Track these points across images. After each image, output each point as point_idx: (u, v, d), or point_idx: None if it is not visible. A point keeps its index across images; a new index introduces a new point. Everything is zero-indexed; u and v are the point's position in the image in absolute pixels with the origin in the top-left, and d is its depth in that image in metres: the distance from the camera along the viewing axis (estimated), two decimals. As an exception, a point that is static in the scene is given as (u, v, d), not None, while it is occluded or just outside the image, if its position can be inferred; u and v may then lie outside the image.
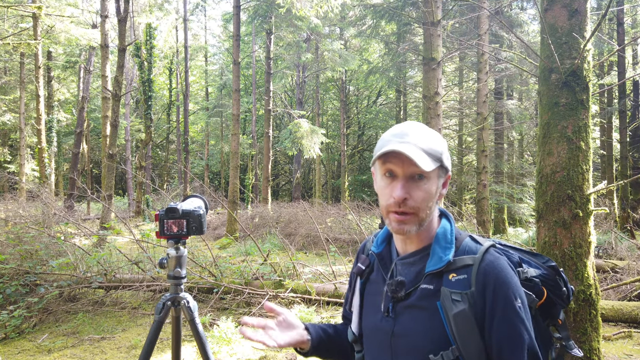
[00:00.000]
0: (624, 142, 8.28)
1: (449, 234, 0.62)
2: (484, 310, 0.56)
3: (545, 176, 2.22)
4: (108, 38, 7.59)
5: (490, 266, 0.57)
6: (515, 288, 0.57)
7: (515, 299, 0.56)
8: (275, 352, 2.36)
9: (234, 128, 7.37)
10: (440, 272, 0.59)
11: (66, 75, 13.81)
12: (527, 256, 0.64)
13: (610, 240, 4.64)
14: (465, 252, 0.60)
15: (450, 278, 0.58)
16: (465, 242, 0.62)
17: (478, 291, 0.56)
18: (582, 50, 2.14)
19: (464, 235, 0.64)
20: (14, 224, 4.19)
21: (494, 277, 0.56)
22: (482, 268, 0.57)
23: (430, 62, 4.39)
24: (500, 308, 0.55)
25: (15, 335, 2.59)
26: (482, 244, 0.60)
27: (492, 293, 0.55)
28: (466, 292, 0.56)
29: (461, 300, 0.56)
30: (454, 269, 0.59)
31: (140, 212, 10.82)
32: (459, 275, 0.58)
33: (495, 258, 0.59)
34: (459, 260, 0.59)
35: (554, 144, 2.19)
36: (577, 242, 2.08)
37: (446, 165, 0.62)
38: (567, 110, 2.19)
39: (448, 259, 0.59)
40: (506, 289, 0.56)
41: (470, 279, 0.57)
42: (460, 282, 0.57)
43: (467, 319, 0.56)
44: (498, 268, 0.57)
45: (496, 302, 0.55)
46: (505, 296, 0.55)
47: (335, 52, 10.04)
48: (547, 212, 2.17)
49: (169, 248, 1.25)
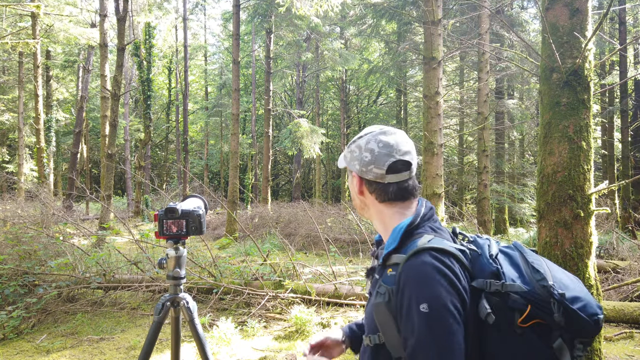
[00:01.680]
0: (625, 141, 8.27)
1: (397, 231, 0.66)
2: (396, 307, 0.59)
3: (547, 176, 2.21)
4: (107, 37, 7.56)
5: (408, 269, 0.59)
6: (424, 292, 0.56)
7: (421, 302, 0.56)
8: (275, 353, 2.36)
9: (234, 128, 7.36)
10: (383, 265, 0.65)
11: (65, 74, 13.78)
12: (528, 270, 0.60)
13: (611, 240, 4.63)
14: (404, 251, 0.63)
15: (388, 272, 0.63)
16: (412, 242, 0.64)
17: (396, 290, 0.60)
18: (583, 50, 2.13)
19: (422, 234, 0.65)
20: (13, 224, 4.17)
21: (405, 280, 0.59)
22: (402, 269, 0.60)
23: (430, 62, 4.38)
24: (404, 309, 0.58)
25: (13, 336, 2.58)
26: (419, 246, 0.60)
27: (401, 294, 0.59)
28: (390, 287, 0.60)
29: (383, 293, 0.61)
30: (391, 264, 0.63)
31: (139, 212, 10.80)
32: (393, 271, 0.62)
33: (419, 262, 0.59)
34: (395, 258, 0.63)
35: (555, 143, 2.18)
36: (579, 242, 2.07)
37: (349, 166, 0.73)
38: (569, 110, 2.18)
39: (385, 254, 0.65)
40: (412, 291, 0.57)
41: (396, 277, 0.61)
42: (390, 278, 0.61)
43: (382, 311, 0.60)
44: (413, 272, 0.59)
45: (402, 302, 0.58)
46: (410, 298, 0.57)
47: (336, 52, 10.03)
48: (548, 212, 2.17)
49: (168, 248, 1.25)
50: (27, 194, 8.62)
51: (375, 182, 0.69)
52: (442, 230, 0.68)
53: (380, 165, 0.68)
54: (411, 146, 0.71)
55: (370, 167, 0.69)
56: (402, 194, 0.69)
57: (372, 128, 0.73)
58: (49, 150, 11.06)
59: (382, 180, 0.69)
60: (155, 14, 11.35)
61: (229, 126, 13.36)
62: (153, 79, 11.66)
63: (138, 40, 10.62)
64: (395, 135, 0.70)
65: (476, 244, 0.67)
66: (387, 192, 0.69)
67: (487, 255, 0.63)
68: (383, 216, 0.71)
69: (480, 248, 0.65)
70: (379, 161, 0.68)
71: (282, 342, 2.52)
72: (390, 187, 0.69)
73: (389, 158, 0.68)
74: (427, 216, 0.68)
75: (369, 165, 0.69)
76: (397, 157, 0.68)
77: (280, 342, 2.52)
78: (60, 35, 9.10)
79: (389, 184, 0.69)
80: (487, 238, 0.69)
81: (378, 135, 0.70)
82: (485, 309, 0.57)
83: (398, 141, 0.69)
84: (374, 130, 0.72)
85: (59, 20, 8.77)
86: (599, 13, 3.76)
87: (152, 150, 19.16)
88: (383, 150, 0.68)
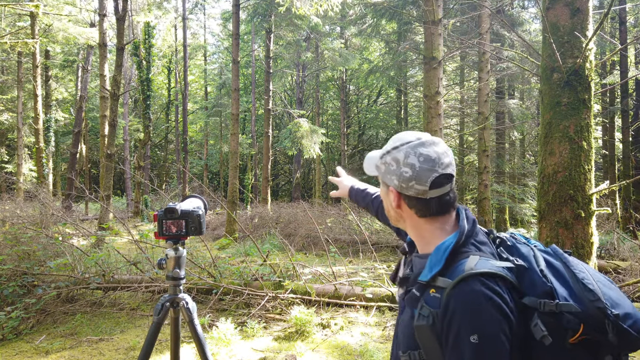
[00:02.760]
0: (626, 141, 8.27)
1: (443, 251, 0.64)
2: (442, 333, 0.59)
3: (547, 176, 2.20)
4: (106, 37, 7.54)
5: (456, 297, 0.58)
6: (474, 322, 0.56)
7: (471, 333, 0.56)
8: (275, 354, 2.35)
9: (233, 128, 7.35)
10: (425, 285, 0.63)
11: (64, 74, 13.75)
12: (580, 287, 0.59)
13: (612, 240, 4.62)
14: (449, 274, 0.62)
15: (430, 293, 0.62)
16: (459, 263, 0.62)
17: (441, 314, 0.59)
18: (584, 50, 2.12)
19: (469, 253, 0.63)
20: (12, 224, 4.16)
21: (453, 308, 0.58)
22: (449, 295, 0.59)
23: (431, 61, 4.37)
24: (451, 338, 0.57)
25: (12, 337, 2.57)
26: (466, 271, 0.59)
27: (448, 322, 0.58)
28: (434, 310, 0.60)
29: (427, 316, 0.60)
30: (435, 286, 0.62)
31: (138, 213, 10.78)
32: (437, 292, 0.61)
33: (468, 290, 0.58)
34: (439, 280, 0.61)
35: (556, 143, 2.18)
36: (579, 242, 2.07)
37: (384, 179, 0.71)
38: (569, 110, 2.17)
39: (430, 276, 0.63)
40: (462, 321, 0.57)
41: (441, 300, 0.60)
42: (434, 300, 0.60)
43: (426, 333, 0.60)
44: (462, 301, 0.58)
45: (449, 331, 0.58)
46: (459, 328, 0.57)
47: (336, 51, 10.01)
48: (548, 212, 2.16)
49: (168, 249, 1.24)
50: (26, 194, 8.60)
51: (417, 198, 0.66)
52: (486, 245, 0.66)
53: (422, 182, 0.64)
54: (451, 156, 0.68)
55: (411, 183, 0.65)
56: (443, 207, 0.67)
57: (408, 136, 0.68)
58: (48, 150, 11.04)
59: (423, 196, 0.65)
60: (154, 13, 11.34)
61: (229, 126, 13.35)
62: (152, 79, 11.64)
63: (137, 40, 10.59)
64: (436, 147, 0.66)
65: (519, 254, 0.65)
66: (429, 208, 0.66)
67: (537, 271, 0.61)
68: (422, 231, 0.69)
69: (527, 260, 0.63)
70: (422, 177, 0.64)
71: (282, 343, 2.52)
72: (432, 202, 0.66)
73: (432, 173, 0.64)
74: (470, 232, 0.66)
75: (410, 181, 0.65)
76: (440, 171, 0.64)
77: (280, 343, 2.52)
78: (59, 35, 9.07)
79: (431, 199, 0.65)
80: (525, 243, 0.67)
81: (417, 148, 0.66)
82: (542, 331, 0.57)
83: (439, 153, 0.65)
84: (411, 141, 0.67)
85: (58, 19, 8.74)
86: (600, 13, 3.74)
87: (152, 150, 19.13)
88: (425, 165, 0.64)
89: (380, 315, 2.96)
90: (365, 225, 6.64)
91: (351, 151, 16.86)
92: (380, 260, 4.71)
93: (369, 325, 2.77)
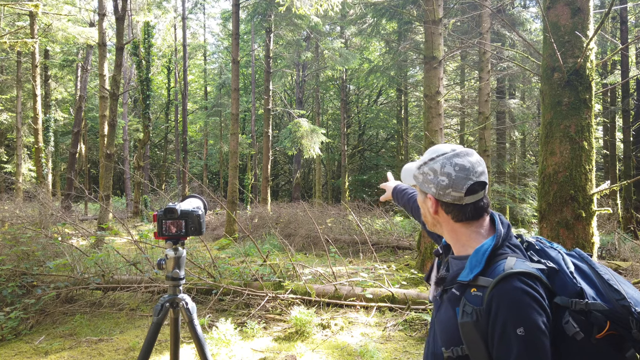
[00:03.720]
0: (627, 141, 8.27)
1: (482, 253, 0.70)
2: (487, 329, 0.63)
3: (548, 176, 2.20)
4: (106, 36, 7.52)
5: (500, 294, 0.63)
6: (519, 317, 0.61)
7: (517, 326, 0.60)
8: (275, 354, 2.34)
9: (233, 127, 7.33)
10: (466, 284, 0.69)
11: (63, 74, 13.72)
12: (606, 288, 0.65)
13: (613, 241, 4.61)
14: (489, 274, 0.67)
15: (472, 292, 0.67)
16: (497, 264, 0.67)
17: (485, 311, 0.64)
18: (585, 49, 2.12)
19: (505, 255, 0.69)
20: (11, 224, 4.15)
21: (497, 304, 0.63)
22: (492, 293, 0.64)
23: (431, 61, 4.36)
24: (498, 332, 0.62)
25: (11, 337, 2.56)
26: (506, 270, 0.64)
27: (494, 317, 0.63)
28: (477, 308, 0.64)
29: (470, 313, 0.65)
30: (476, 285, 0.67)
31: (138, 213, 10.77)
32: (478, 291, 0.66)
33: (510, 288, 0.63)
34: (480, 280, 0.67)
35: (557, 143, 2.17)
36: (580, 242, 2.06)
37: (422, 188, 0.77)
38: (570, 110, 2.17)
39: (472, 276, 0.68)
40: (507, 316, 0.61)
41: (483, 298, 0.65)
42: (477, 298, 0.66)
43: (470, 330, 0.64)
44: (505, 297, 0.62)
45: (495, 326, 0.62)
46: (505, 323, 0.61)
47: (336, 51, 9.99)
48: (549, 212, 2.15)
49: (168, 249, 1.24)
50: (26, 194, 8.58)
51: (453, 204, 0.73)
52: (519, 248, 0.72)
53: (458, 189, 0.71)
54: (484, 165, 0.75)
55: (448, 190, 0.72)
56: (477, 212, 0.73)
57: (443, 148, 0.75)
58: (48, 150, 11.02)
59: (459, 202, 0.72)
60: (154, 13, 11.31)
61: (229, 126, 13.35)
62: (152, 79, 11.61)
63: (137, 40, 10.57)
64: (470, 157, 0.73)
65: (549, 257, 0.70)
66: (465, 213, 0.73)
67: (568, 273, 0.67)
68: (459, 235, 0.75)
69: (557, 263, 0.69)
70: (457, 185, 0.71)
71: (281, 343, 2.51)
72: (468, 208, 0.72)
73: (467, 181, 0.71)
74: (505, 235, 0.72)
75: (447, 189, 0.72)
76: (474, 179, 0.71)
77: (280, 343, 2.51)
78: (59, 35, 9.05)
79: (467, 204, 0.72)
80: (552, 247, 0.73)
81: (453, 158, 0.73)
82: (574, 328, 0.62)
83: (473, 163, 0.72)
84: (446, 152, 0.74)
85: (58, 19, 8.72)
86: (601, 12, 3.73)
87: (151, 150, 19.11)
88: (460, 174, 0.71)
89: (380, 315, 2.95)
90: (365, 225, 6.63)
91: (351, 151, 16.84)
92: (380, 261, 4.70)
93: (369, 326, 2.77)
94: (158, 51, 17.85)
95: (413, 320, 2.76)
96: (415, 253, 5.16)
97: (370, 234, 6.31)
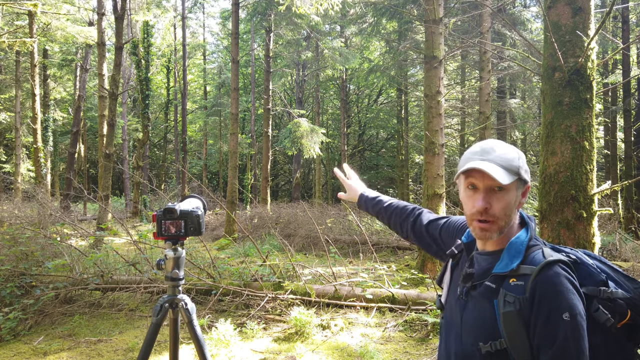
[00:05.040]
0: (628, 141, 8.26)
1: (520, 244, 0.71)
2: (530, 316, 0.64)
3: (549, 176, 2.19)
4: (105, 36, 7.50)
5: (543, 279, 0.64)
6: (564, 302, 0.62)
7: (563, 311, 0.62)
8: (275, 355, 2.34)
9: (233, 127, 7.32)
10: (504, 276, 0.69)
11: (62, 73, 13.67)
12: (622, 278, 0.68)
13: (614, 241, 4.61)
14: (529, 262, 0.68)
15: (510, 282, 0.67)
16: (534, 253, 0.69)
17: (529, 299, 0.64)
18: (586, 49, 2.11)
19: (539, 246, 0.70)
20: (10, 224, 4.13)
21: (542, 290, 0.63)
22: (536, 280, 0.65)
23: (431, 61, 4.35)
24: (542, 317, 0.62)
25: (10, 338, 2.55)
26: (547, 258, 0.66)
27: (538, 303, 0.63)
28: (519, 296, 0.65)
29: (513, 302, 0.65)
30: (516, 275, 0.67)
31: (137, 213, 10.75)
32: (518, 281, 0.66)
33: (553, 274, 0.64)
34: (522, 269, 0.67)
35: (558, 143, 2.16)
36: (581, 243, 2.05)
37: (524, 178, 0.73)
38: (571, 110, 2.16)
39: (512, 267, 0.68)
40: (552, 301, 0.62)
41: (526, 286, 0.65)
42: (517, 287, 0.66)
43: (514, 319, 0.64)
44: (550, 283, 0.64)
45: (540, 311, 0.63)
46: (550, 308, 0.62)
47: (336, 50, 9.97)
48: (550, 212, 2.15)
49: (167, 249, 1.23)
50: (24, 194, 8.56)
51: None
52: (543, 242, 0.74)
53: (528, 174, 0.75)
54: None
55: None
56: None
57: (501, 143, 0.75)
58: (46, 150, 10.99)
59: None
60: (153, 12, 11.27)
61: (228, 126, 13.31)
62: (151, 78, 11.59)
63: (136, 39, 10.54)
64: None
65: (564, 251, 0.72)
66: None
67: (590, 264, 0.69)
68: (513, 226, 0.74)
69: (575, 255, 0.71)
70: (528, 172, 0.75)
71: (281, 344, 2.50)
72: None
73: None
74: (534, 229, 0.75)
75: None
76: None
77: (279, 344, 2.50)
78: (58, 34, 9.02)
79: None
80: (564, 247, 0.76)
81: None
82: (605, 314, 0.64)
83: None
84: (508, 144, 0.76)
85: (56, 18, 8.69)
86: (602, 12, 3.73)
87: (151, 150, 19.07)
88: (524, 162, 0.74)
89: (380, 316, 2.94)
90: (365, 225, 6.63)
91: (351, 151, 16.83)
92: (380, 261, 4.69)
93: (369, 326, 2.76)
94: (157, 50, 17.81)
95: (413, 320, 2.75)
96: (416, 253, 5.16)
97: (370, 234, 6.31)
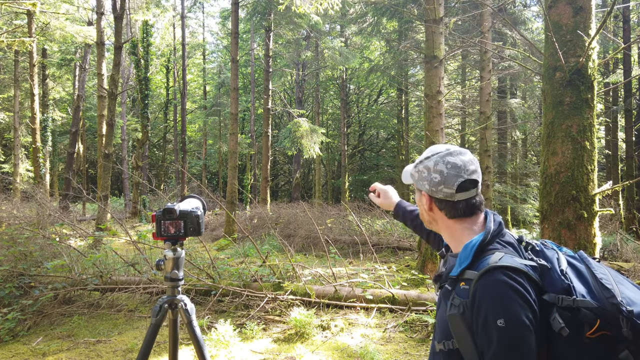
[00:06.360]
0: (629, 141, 8.25)
1: (470, 248, 0.72)
2: (472, 320, 0.65)
3: (550, 176, 2.18)
4: (104, 35, 7.48)
5: (482, 285, 0.65)
6: (500, 308, 0.62)
7: (497, 317, 0.62)
8: (275, 356, 2.33)
9: (233, 127, 7.31)
10: (456, 279, 0.71)
11: (61, 73, 13.64)
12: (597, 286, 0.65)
13: (615, 241, 4.59)
14: (476, 267, 0.69)
15: (461, 285, 0.69)
16: (485, 258, 0.69)
17: (470, 303, 0.66)
18: (587, 48, 2.10)
19: (494, 250, 0.70)
20: (8, 224, 4.12)
21: (480, 295, 0.65)
22: (477, 285, 0.66)
23: (432, 60, 4.34)
24: (480, 323, 0.64)
25: (9, 339, 2.54)
26: (491, 264, 0.66)
27: (477, 308, 0.64)
28: (464, 300, 0.67)
29: (458, 305, 0.67)
30: (464, 278, 0.69)
31: (136, 213, 10.73)
32: (466, 284, 0.68)
33: (492, 280, 0.64)
34: (467, 273, 0.69)
35: (559, 143, 2.16)
36: (582, 243, 2.05)
37: (417, 185, 0.79)
38: (572, 110, 2.15)
39: (459, 270, 0.70)
40: (489, 307, 0.63)
41: (469, 291, 0.67)
42: (464, 291, 0.68)
43: (457, 322, 0.66)
44: (489, 289, 0.64)
45: (478, 317, 0.64)
46: (486, 314, 0.63)
47: (336, 50, 9.97)
48: (551, 213, 2.14)
49: (166, 249, 1.23)
50: (23, 194, 8.54)
51: (445, 201, 0.75)
52: (511, 246, 0.73)
53: (450, 185, 0.74)
54: (477, 164, 0.77)
55: (440, 187, 0.75)
56: (470, 209, 0.75)
57: (438, 148, 0.78)
58: (45, 150, 10.97)
59: (451, 199, 0.74)
60: (153, 11, 11.25)
61: (228, 126, 13.30)
62: (151, 78, 11.56)
63: (135, 39, 10.52)
64: (462, 156, 0.75)
65: (544, 256, 0.71)
66: (457, 209, 0.75)
67: (558, 271, 0.67)
68: (453, 231, 0.77)
69: (550, 262, 0.69)
70: (449, 182, 0.74)
71: (281, 345, 2.49)
72: (460, 205, 0.75)
73: (457, 178, 0.73)
74: (496, 232, 0.73)
75: (439, 185, 0.75)
76: (465, 177, 0.74)
77: (279, 345, 2.49)
78: (57, 34, 9.00)
79: (458, 201, 0.74)
80: (553, 248, 0.73)
81: (445, 157, 0.75)
82: (559, 323, 0.62)
83: (465, 161, 0.75)
84: (440, 151, 0.77)
85: (55, 18, 8.67)
86: (603, 11, 3.73)
87: (150, 150, 19.05)
88: (452, 171, 0.74)
89: (380, 316, 2.94)
90: (365, 226, 6.62)
91: (351, 151, 16.83)
92: (380, 262, 4.69)
93: (369, 327, 2.75)
94: (157, 50, 17.79)
95: (414, 321, 2.75)
96: (416, 254, 5.15)
97: (370, 234, 6.30)
